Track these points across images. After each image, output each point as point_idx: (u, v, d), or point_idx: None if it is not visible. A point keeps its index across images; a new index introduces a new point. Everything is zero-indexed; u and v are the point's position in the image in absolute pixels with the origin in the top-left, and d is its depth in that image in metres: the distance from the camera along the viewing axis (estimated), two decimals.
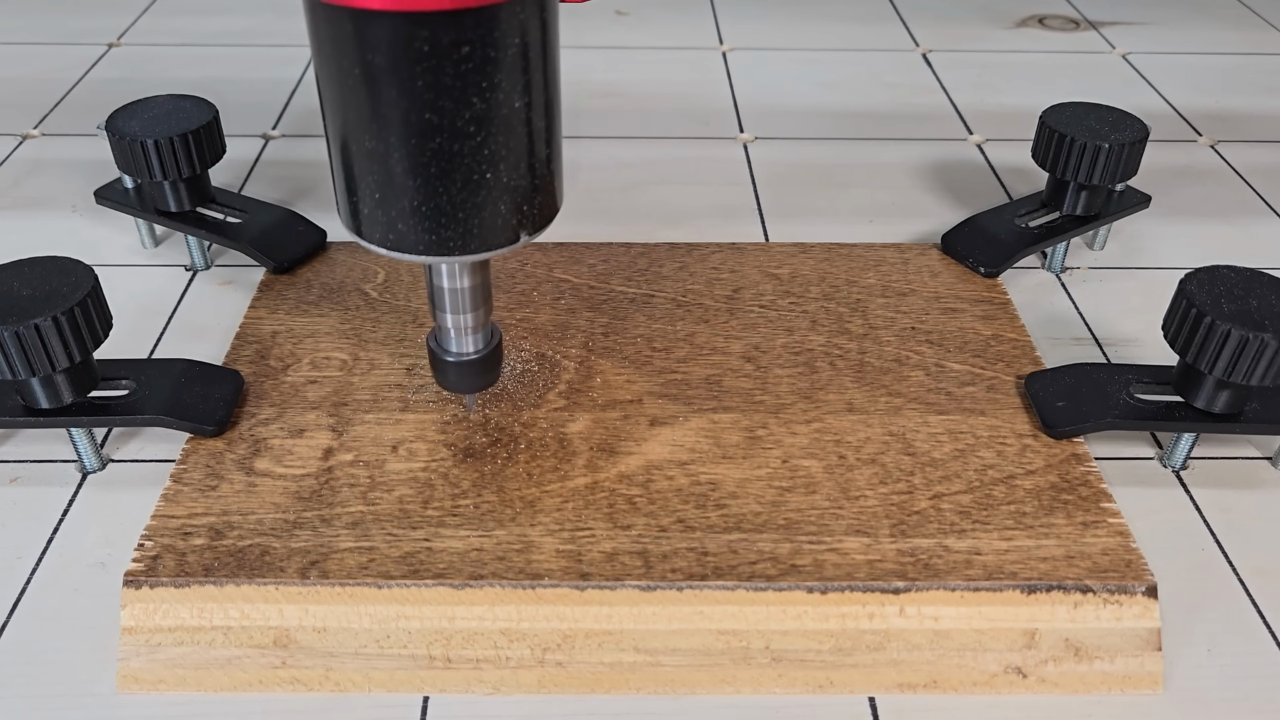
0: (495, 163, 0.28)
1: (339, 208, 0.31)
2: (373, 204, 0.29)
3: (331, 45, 0.27)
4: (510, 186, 0.29)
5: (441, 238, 0.29)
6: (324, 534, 0.32)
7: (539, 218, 0.30)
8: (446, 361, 0.34)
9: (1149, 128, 0.45)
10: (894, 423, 0.37)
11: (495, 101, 0.27)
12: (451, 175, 0.28)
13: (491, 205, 0.29)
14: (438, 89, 0.27)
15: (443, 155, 0.28)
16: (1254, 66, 0.68)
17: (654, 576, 0.31)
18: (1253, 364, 0.33)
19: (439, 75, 0.26)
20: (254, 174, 0.54)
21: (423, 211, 0.29)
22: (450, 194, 0.28)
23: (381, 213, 0.29)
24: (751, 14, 0.74)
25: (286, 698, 0.31)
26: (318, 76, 0.29)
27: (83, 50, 0.66)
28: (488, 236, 0.30)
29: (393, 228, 0.29)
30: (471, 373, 0.34)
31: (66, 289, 0.33)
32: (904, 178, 0.55)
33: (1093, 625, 0.31)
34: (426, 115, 0.27)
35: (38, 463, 0.37)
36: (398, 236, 0.29)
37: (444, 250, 0.29)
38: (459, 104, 0.27)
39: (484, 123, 0.27)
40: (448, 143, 0.28)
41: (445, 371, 0.34)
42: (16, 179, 0.53)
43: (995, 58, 0.68)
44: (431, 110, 0.27)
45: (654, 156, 0.56)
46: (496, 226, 0.30)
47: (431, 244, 0.29)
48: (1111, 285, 0.47)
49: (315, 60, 0.28)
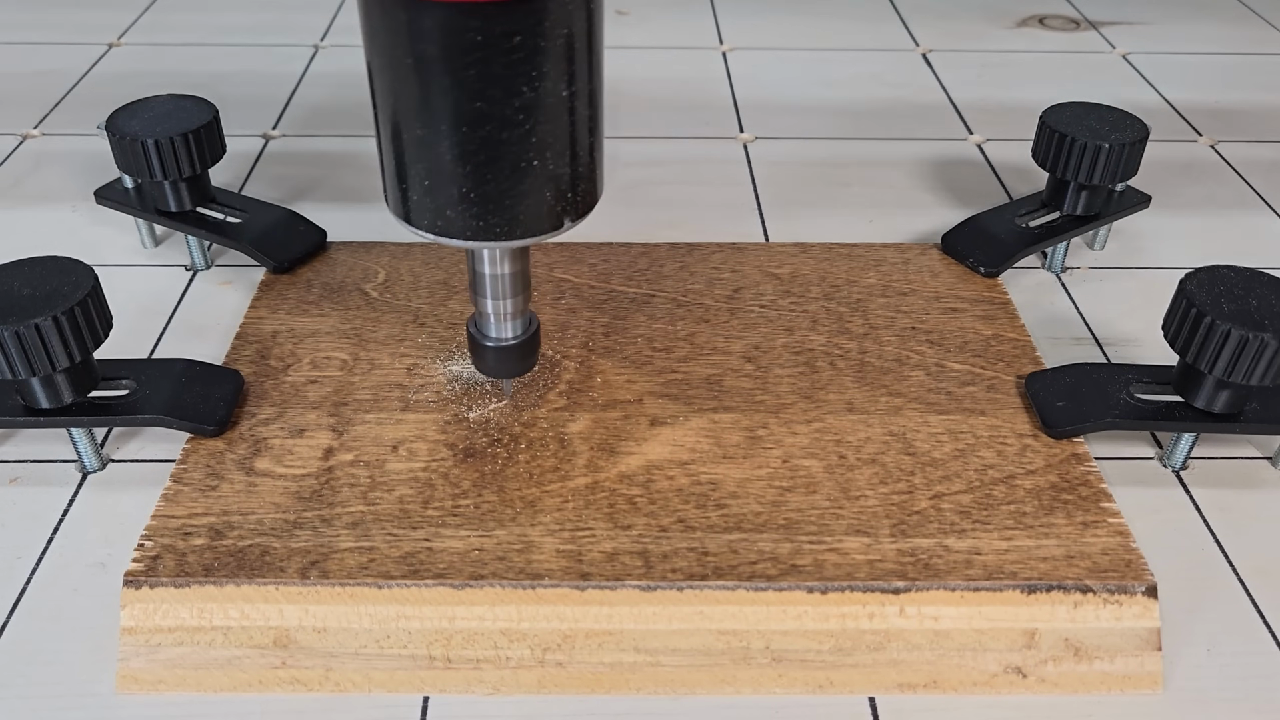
0: (542, 150, 0.29)
1: (386, 195, 0.31)
2: (421, 191, 0.30)
3: (384, 35, 0.28)
4: (555, 174, 0.30)
5: (488, 224, 0.30)
6: (324, 534, 0.32)
7: (581, 205, 0.31)
8: (486, 346, 0.35)
9: (1149, 127, 0.45)
10: (894, 422, 0.37)
11: (543, 90, 0.28)
12: (499, 163, 0.29)
13: (537, 192, 0.30)
14: (488, 78, 0.27)
15: (491, 143, 0.28)
16: (1254, 66, 0.68)
17: (654, 576, 0.31)
18: (1253, 364, 0.33)
19: (489, 65, 0.27)
20: (254, 174, 0.54)
21: (471, 198, 0.29)
22: (498, 181, 0.29)
23: (430, 200, 0.30)
24: (751, 14, 0.74)
25: (286, 698, 0.31)
26: (369, 65, 0.29)
27: (83, 50, 0.66)
28: (533, 223, 0.30)
29: (441, 214, 0.30)
30: (510, 358, 0.35)
31: (66, 289, 0.33)
32: (904, 178, 0.55)
33: (1093, 625, 0.31)
34: (476, 104, 0.28)
35: (38, 463, 0.37)
36: (445, 223, 0.30)
37: (490, 236, 0.30)
38: (508, 93, 0.28)
39: (532, 111, 0.28)
40: (496, 131, 0.28)
41: (484, 356, 0.35)
42: (17, 178, 0.53)
43: (995, 57, 0.68)
44: (481, 99, 0.28)
45: (654, 156, 0.56)
46: (541, 213, 0.30)
47: (479, 230, 0.30)
48: (1111, 285, 0.47)
49: (367, 49, 0.29)
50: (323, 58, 0.66)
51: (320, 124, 0.59)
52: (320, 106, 0.61)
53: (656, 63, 0.67)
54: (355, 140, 0.57)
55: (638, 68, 0.66)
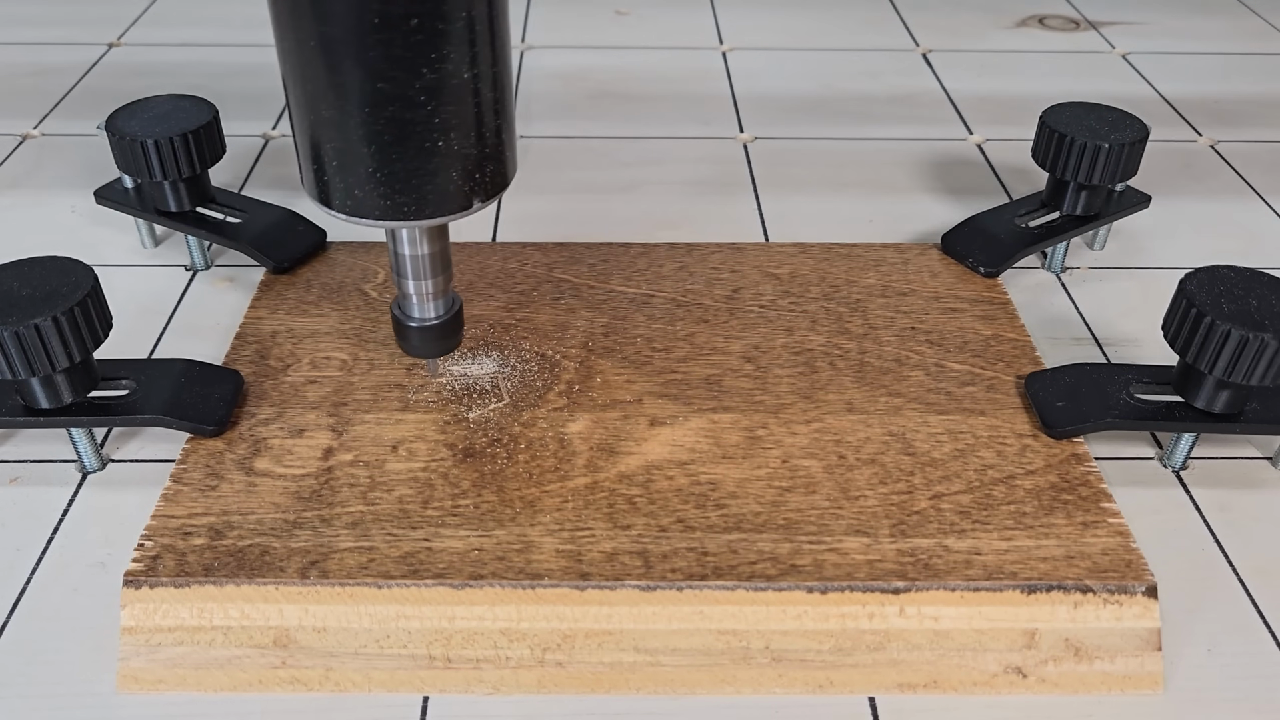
0: (446, 131, 0.29)
1: (302, 177, 0.32)
2: (332, 171, 0.30)
3: (290, 17, 0.28)
4: (462, 154, 0.30)
5: (397, 203, 0.30)
6: (324, 534, 0.32)
7: (490, 185, 0.32)
8: (409, 327, 0.35)
9: (1149, 128, 0.45)
10: (894, 423, 0.37)
11: (445, 72, 0.28)
12: (405, 143, 0.29)
13: (444, 172, 0.30)
14: (389, 59, 0.28)
15: (396, 123, 0.29)
16: (1254, 66, 0.68)
17: (654, 576, 0.31)
18: (1253, 364, 0.33)
19: (390, 46, 0.28)
20: (254, 174, 0.54)
21: (378, 178, 0.30)
22: (404, 161, 0.30)
23: (340, 179, 0.30)
24: (751, 14, 0.74)
25: (286, 698, 0.31)
26: (278, 49, 0.30)
27: (83, 49, 0.66)
28: (441, 202, 0.31)
29: (350, 194, 0.30)
30: (433, 337, 0.36)
31: (66, 289, 0.33)
32: (904, 178, 0.55)
33: (1093, 625, 0.31)
34: (379, 85, 0.28)
35: (38, 463, 0.37)
36: (355, 203, 0.30)
37: (399, 215, 0.31)
38: (410, 74, 0.28)
39: (435, 92, 0.29)
40: (400, 111, 0.29)
41: (408, 337, 0.36)
42: (16, 178, 0.53)
43: (995, 57, 0.68)
44: (384, 80, 0.28)
45: (654, 156, 0.56)
46: (449, 193, 0.31)
47: (388, 209, 0.30)
48: (1111, 285, 0.47)
49: (275, 32, 0.29)
50: None
51: None
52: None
53: (656, 63, 0.67)
54: None
55: (638, 68, 0.66)
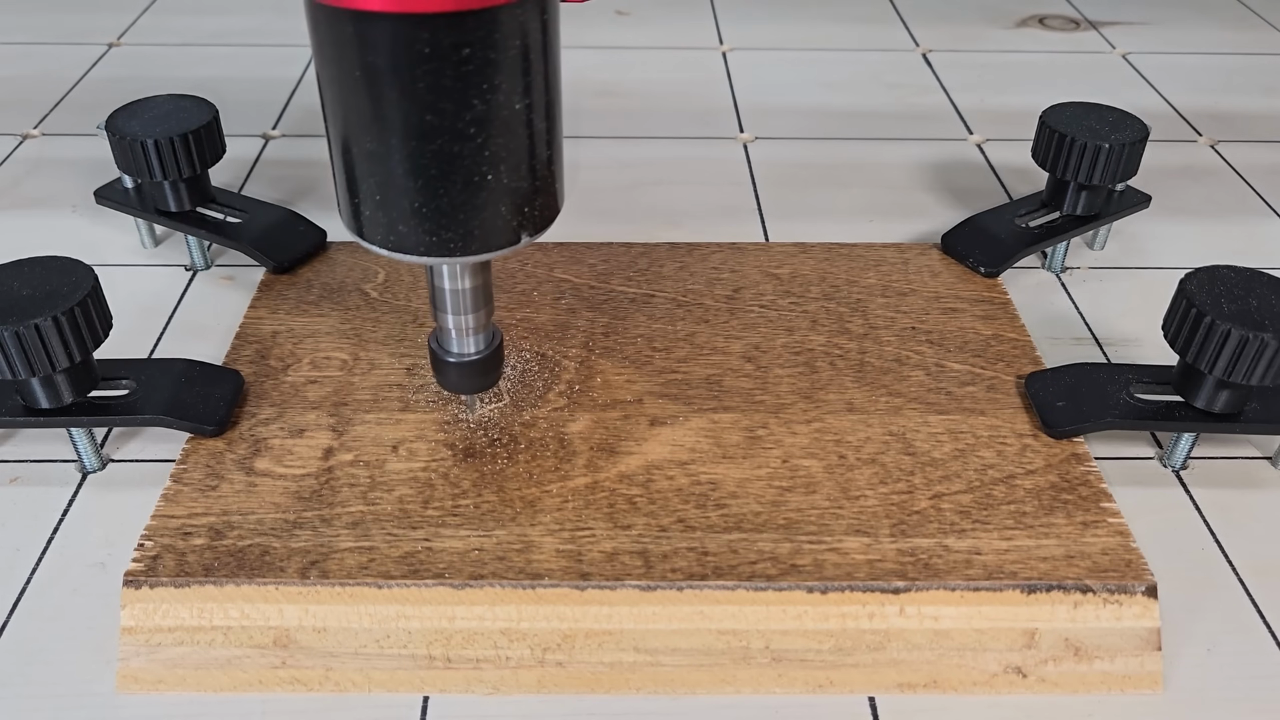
0: (496, 164, 0.28)
1: (340, 209, 0.31)
2: (374, 205, 0.29)
3: (332, 47, 0.27)
4: (511, 188, 0.29)
5: (442, 239, 0.29)
6: (324, 534, 0.32)
7: (540, 219, 0.30)
8: (447, 362, 0.34)
9: (1149, 128, 0.45)
10: (894, 422, 0.37)
11: (496, 103, 0.27)
12: (452, 177, 0.28)
13: (492, 207, 0.29)
14: (438, 91, 0.27)
15: (443, 157, 0.28)
16: (1254, 66, 0.68)
17: (654, 576, 0.31)
18: (1253, 364, 0.33)
19: (439, 77, 0.26)
20: (254, 174, 0.54)
21: (423, 213, 0.29)
22: (451, 195, 0.28)
23: (383, 214, 0.29)
24: (751, 14, 0.74)
25: (286, 698, 0.31)
26: (319, 78, 0.28)
27: (83, 50, 0.66)
28: (488, 238, 0.30)
29: (394, 229, 0.29)
30: (472, 373, 0.34)
31: (66, 289, 0.33)
32: (904, 178, 0.55)
33: (1093, 625, 0.31)
34: (427, 117, 0.27)
35: (38, 463, 0.37)
36: (399, 238, 0.29)
37: (445, 251, 0.29)
38: (459, 106, 0.27)
39: (484, 124, 0.27)
40: (448, 144, 0.27)
41: (446, 372, 0.35)
42: (16, 179, 0.53)
43: (995, 58, 0.68)
44: (432, 112, 0.27)
45: (654, 156, 0.56)
46: (497, 228, 0.29)
47: (432, 245, 0.29)
48: (1111, 285, 0.47)
49: (316, 62, 0.28)
50: None
51: (320, 124, 0.58)
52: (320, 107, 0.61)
53: (656, 63, 0.67)
54: None
55: (638, 68, 0.66)
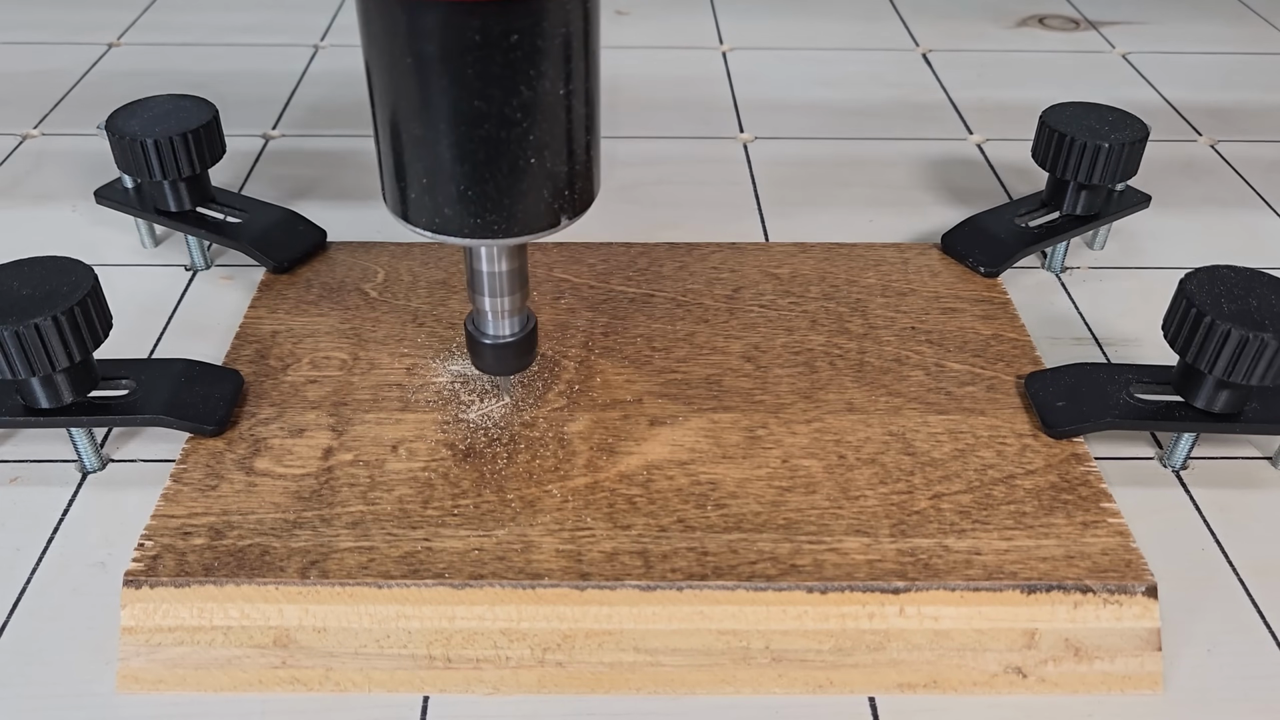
0: (540, 149, 0.29)
1: (385, 193, 0.31)
2: (420, 189, 0.30)
3: (383, 34, 0.28)
4: (553, 172, 0.30)
5: (486, 221, 0.30)
6: (324, 534, 0.32)
7: (579, 202, 0.32)
8: (484, 344, 0.35)
9: (1149, 127, 0.45)
10: (894, 422, 0.37)
11: (541, 90, 0.28)
12: (498, 161, 0.29)
13: (535, 190, 0.30)
14: (486, 77, 0.28)
15: (490, 142, 0.29)
16: (1254, 65, 0.68)
17: (654, 576, 0.31)
18: (1253, 364, 0.33)
19: (488, 64, 0.27)
20: (254, 174, 0.54)
21: (469, 196, 0.30)
22: (496, 180, 0.29)
23: (429, 198, 0.30)
24: (751, 14, 0.74)
25: (286, 698, 0.31)
26: (367, 65, 0.29)
27: (83, 49, 0.66)
28: (530, 221, 0.31)
29: (439, 212, 0.30)
30: (508, 355, 0.35)
31: (66, 289, 0.33)
32: (904, 178, 0.55)
33: (1093, 625, 0.31)
34: (475, 103, 0.28)
35: (38, 463, 0.37)
36: (444, 220, 0.30)
37: (488, 234, 0.30)
38: (507, 92, 0.28)
39: (530, 110, 0.28)
40: (495, 130, 0.28)
41: (483, 354, 0.35)
42: (17, 178, 0.53)
43: (995, 57, 0.68)
44: (480, 98, 0.28)
45: (654, 156, 0.56)
46: (539, 211, 0.31)
47: (476, 228, 0.30)
48: (1111, 285, 0.47)
49: (365, 49, 0.29)
50: (323, 57, 0.66)
51: (320, 124, 0.59)
52: (320, 106, 0.61)
53: (656, 63, 0.67)
54: (355, 140, 0.57)
55: (638, 68, 0.66)
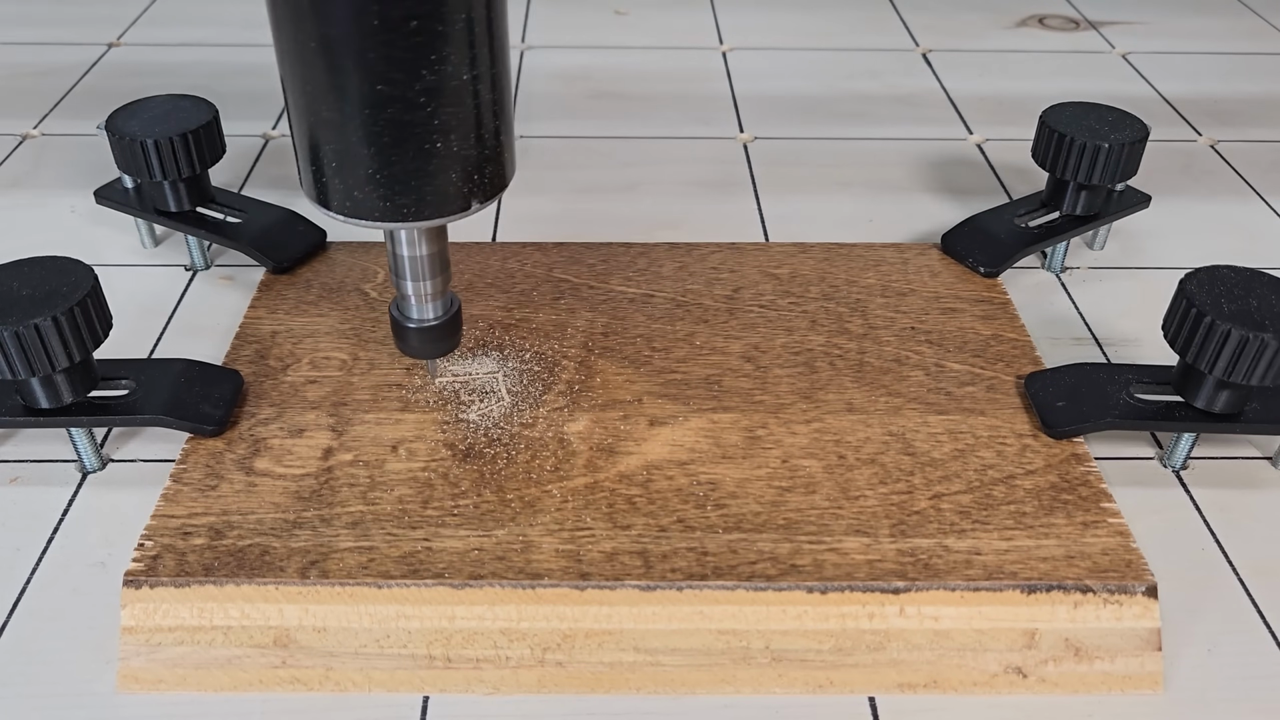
0: (446, 133, 0.29)
1: (300, 178, 0.32)
2: (331, 172, 0.30)
3: (290, 20, 0.28)
4: (461, 155, 0.30)
5: (396, 205, 0.30)
6: (324, 534, 0.32)
7: (489, 187, 0.32)
8: (408, 328, 0.35)
9: (1149, 127, 0.45)
10: (894, 423, 0.37)
11: (445, 73, 0.28)
12: (404, 144, 0.29)
13: (443, 174, 0.30)
14: (390, 61, 0.28)
15: (395, 125, 0.29)
16: (1254, 66, 0.68)
17: (654, 576, 0.31)
18: (1253, 364, 0.33)
19: (390, 48, 0.28)
20: (254, 174, 0.54)
21: (378, 179, 0.30)
22: (404, 162, 0.29)
23: (339, 181, 0.30)
24: (751, 13, 0.74)
25: (286, 698, 0.31)
26: (277, 50, 0.30)
27: (83, 49, 0.66)
28: (440, 204, 0.31)
29: (350, 195, 0.30)
30: (432, 338, 0.35)
31: (66, 289, 0.33)
32: (904, 178, 0.55)
33: (1093, 625, 0.31)
34: (379, 87, 0.28)
35: (38, 463, 0.37)
36: (355, 204, 0.30)
37: (399, 217, 0.31)
38: (409, 76, 0.28)
39: (434, 94, 0.29)
40: (400, 113, 0.29)
41: (407, 338, 0.36)
42: (16, 179, 0.53)
43: (995, 57, 0.68)
44: (384, 81, 0.28)
45: (654, 156, 0.56)
46: (448, 194, 0.31)
47: (387, 211, 0.30)
48: (1111, 285, 0.47)
49: (274, 34, 0.29)
50: None
51: None
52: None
53: (656, 63, 0.67)
54: None
55: (638, 68, 0.66)
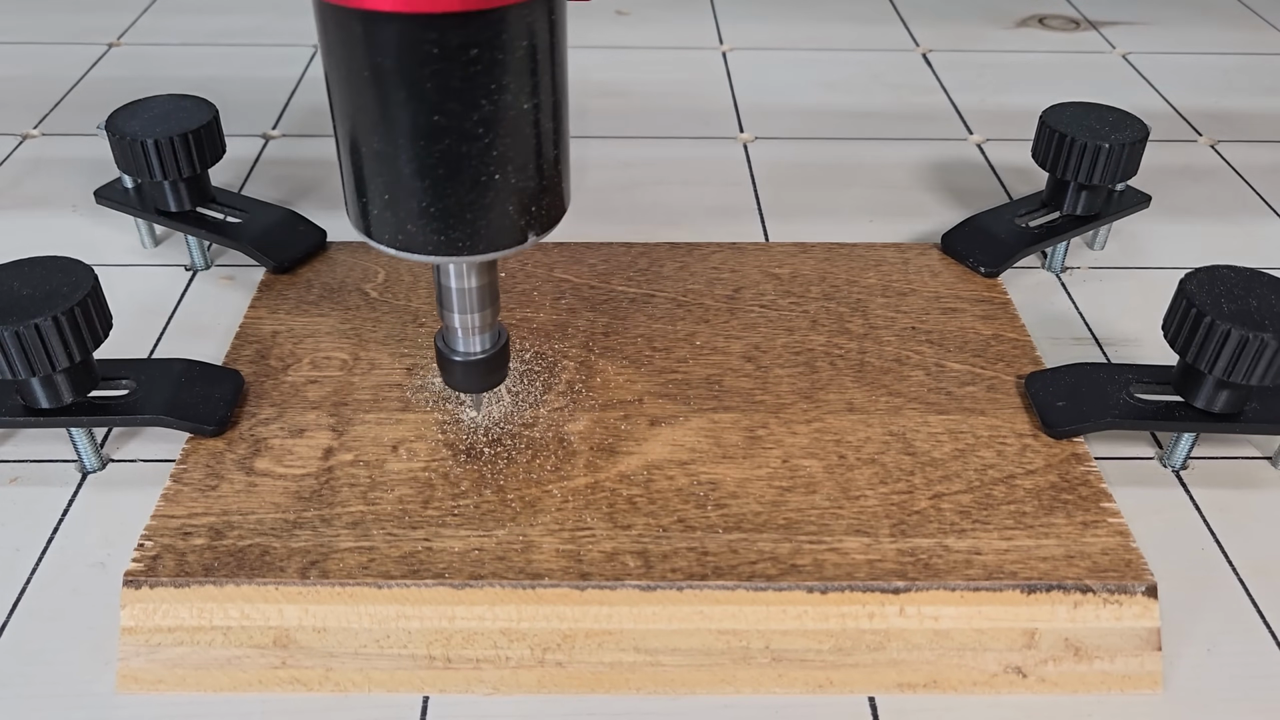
0: (503, 164, 0.28)
1: (348, 208, 0.31)
2: (382, 205, 0.29)
3: (341, 47, 0.27)
4: (518, 187, 0.29)
5: (450, 238, 0.29)
6: (324, 534, 0.32)
7: (546, 218, 0.31)
8: (454, 361, 0.34)
9: (1149, 128, 0.45)
10: (894, 422, 0.37)
11: (503, 103, 0.27)
12: (459, 176, 0.28)
13: (499, 206, 0.29)
14: (446, 91, 0.27)
15: (451, 157, 0.28)
16: (1254, 66, 0.68)
17: (654, 576, 0.31)
18: (1253, 364, 0.33)
19: (447, 77, 0.27)
20: (254, 174, 0.54)
21: (431, 213, 0.29)
22: (458, 195, 0.28)
23: (391, 214, 0.29)
24: (751, 14, 0.74)
25: (286, 698, 0.31)
26: (327, 78, 0.29)
27: (83, 50, 0.66)
28: (495, 237, 0.30)
29: (402, 228, 0.29)
30: (478, 372, 0.35)
31: (66, 289, 0.33)
32: (904, 178, 0.55)
33: (1093, 625, 0.31)
34: (435, 117, 0.27)
35: (38, 463, 0.37)
36: (406, 237, 0.29)
37: (452, 250, 0.30)
38: (467, 106, 0.27)
39: (492, 124, 0.28)
40: (456, 144, 0.28)
41: (452, 371, 0.35)
42: (17, 178, 0.53)
43: (995, 58, 0.68)
44: (440, 112, 0.27)
45: (654, 156, 0.56)
46: (504, 227, 0.30)
47: (440, 244, 0.29)
48: (1111, 285, 0.47)
49: (325, 62, 0.28)
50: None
51: (320, 124, 0.59)
52: (320, 107, 0.61)
53: (656, 63, 0.67)
54: None
55: (638, 68, 0.66)
